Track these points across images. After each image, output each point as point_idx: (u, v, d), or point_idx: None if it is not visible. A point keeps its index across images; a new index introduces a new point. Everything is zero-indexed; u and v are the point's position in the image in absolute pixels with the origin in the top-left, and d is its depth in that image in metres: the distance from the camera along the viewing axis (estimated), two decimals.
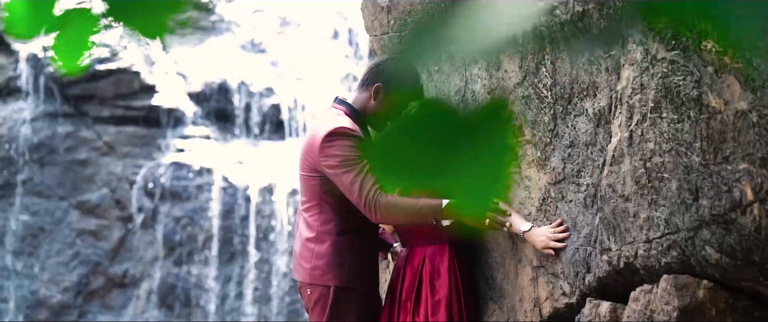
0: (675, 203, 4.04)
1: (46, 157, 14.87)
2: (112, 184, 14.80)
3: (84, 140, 14.95)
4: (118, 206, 14.76)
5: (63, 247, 14.71)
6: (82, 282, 14.62)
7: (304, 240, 5.06)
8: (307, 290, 5.05)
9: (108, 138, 14.91)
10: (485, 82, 5.08)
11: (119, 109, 15.01)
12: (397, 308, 5.09)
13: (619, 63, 4.31)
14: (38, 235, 14.75)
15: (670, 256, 4.10)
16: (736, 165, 3.82)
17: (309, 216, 5.05)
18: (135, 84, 14.99)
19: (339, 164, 4.90)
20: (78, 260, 14.66)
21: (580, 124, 4.56)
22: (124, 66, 14.95)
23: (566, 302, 4.68)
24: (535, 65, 4.74)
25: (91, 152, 14.91)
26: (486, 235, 5.15)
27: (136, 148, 14.94)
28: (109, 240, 14.70)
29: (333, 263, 4.99)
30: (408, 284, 5.08)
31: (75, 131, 14.96)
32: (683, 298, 4.07)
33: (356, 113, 5.10)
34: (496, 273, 5.11)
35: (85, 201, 14.78)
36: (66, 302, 14.56)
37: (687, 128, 3.97)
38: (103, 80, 14.93)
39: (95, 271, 14.65)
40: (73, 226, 14.74)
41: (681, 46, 3.99)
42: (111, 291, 14.65)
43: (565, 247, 4.62)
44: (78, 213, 14.78)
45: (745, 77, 3.79)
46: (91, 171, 14.85)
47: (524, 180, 4.89)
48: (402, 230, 5.23)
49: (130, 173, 14.81)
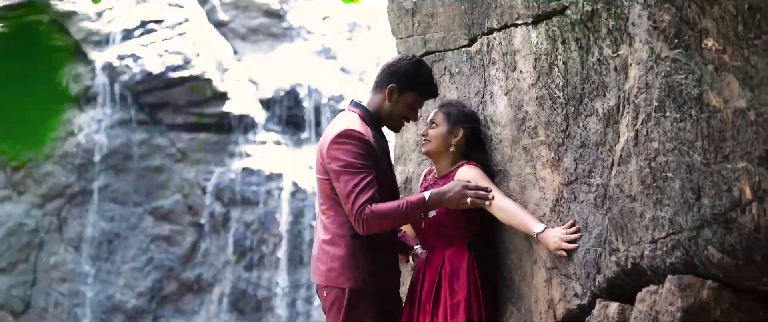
0: (678, 203, 4.02)
1: (121, 164, 15.13)
2: (184, 190, 15.01)
3: (158, 147, 15.18)
4: (190, 212, 14.97)
5: (137, 252, 14.95)
6: (156, 287, 14.84)
7: (321, 242, 5.09)
8: (324, 292, 5.07)
9: (181, 145, 15.13)
10: (502, 83, 5.08)
11: (192, 116, 15.22)
12: (416, 310, 5.10)
13: (626, 62, 4.29)
14: (113, 240, 15.01)
15: (675, 256, 4.07)
16: (736, 164, 3.79)
17: (325, 218, 5.08)
18: (207, 91, 15.19)
19: (340, 168, 4.92)
20: (152, 265, 14.89)
21: (590, 125, 4.54)
22: (197, 74, 15.15)
23: (578, 303, 4.66)
24: (548, 65, 4.73)
25: (164, 159, 15.14)
26: (504, 237, 5.14)
27: (208, 154, 15.13)
28: (182, 245, 14.90)
29: (347, 265, 5.00)
30: (427, 285, 5.09)
31: (149, 138, 15.20)
32: (687, 298, 4.04)
33: (370, 115, 5.12)
34: (514, 275, 5.11)
35: (159, 207, 15.02)
36: (140, 307, 14.80)
37: (689, 127, 3.94)
38: (176, 88, 15.15)
39: (169, 276, 14.87)
40: (148, 232, 14.98)
41: (683, 45, 3.96)
42: (184, 296, 14.86)
43: (577, 248, 4.61)
44: (152, 219, 15.02)
45: (743, 75, 3.75)
46: (164, 177, 15.08)
47: (539, 181, 4.88)
48: (421, 233, 5.24)
49: (202, 178, 15.01)
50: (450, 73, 5.53)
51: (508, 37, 5.01)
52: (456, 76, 5.48)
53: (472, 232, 5.09)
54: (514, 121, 5.00)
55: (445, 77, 5.58)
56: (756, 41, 3.71)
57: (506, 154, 5.09)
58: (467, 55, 5.37)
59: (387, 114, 5.13)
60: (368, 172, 4.90)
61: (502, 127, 5.10)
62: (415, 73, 5.12)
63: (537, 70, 4.80)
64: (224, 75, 15.46)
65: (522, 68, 4.91)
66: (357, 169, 4.89)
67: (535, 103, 4.83)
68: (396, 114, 5.14)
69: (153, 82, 15.14)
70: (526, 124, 4.92)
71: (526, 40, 4.86)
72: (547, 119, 4.77)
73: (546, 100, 4.76)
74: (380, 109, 5.14)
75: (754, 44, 3.72)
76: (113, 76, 15.21)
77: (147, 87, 15.17)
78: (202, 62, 15.27)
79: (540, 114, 4.81)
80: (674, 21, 3.99)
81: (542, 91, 4.78)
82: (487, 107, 5.21)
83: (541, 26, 4.75)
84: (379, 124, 5.16)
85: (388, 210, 4.87)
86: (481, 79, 5.25)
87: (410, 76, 5.10)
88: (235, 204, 14.82)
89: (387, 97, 5.11)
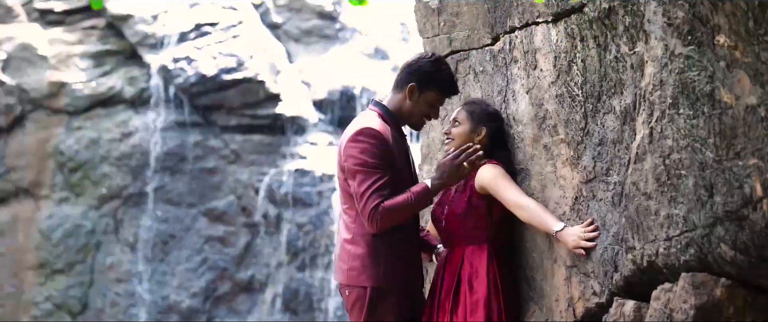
0: (692, 200, 4.00)
1: (176, 166, 15.25)
2: (238, 191, 15.10)
3: (212, 149, 15.28)
4: (244, 213, 15.05)
5: (192, 253, 15.07)
6: (210, 287, 14.94)
7: (343, 241, 5.11)
8: (346, 291, 5.09)
9: (235, 146, 15.22)
10: (523, 82, 5.07)
11: (245, 118, 15.30)
12: (436, 308, 5.09)
13: (643, 59, 4.27)
14: (168, 241, 15.13)
15: (689, 254, 4.05)
16: (747, 161, 3.77)
17: (346, 217, 5.10)
18: (260, 93, 15.25)
19: (356, 166, 4.93)
20: (206, 265, 15.00)
21: (608, 122, 4.53)
22: (250, 76, 15.22)
23: (597, 302, 4.64)
24: (567, 63, 4.72)
25: (218, 160, 15.23)
26: (526, 235, 5.13)
27: (261, 155, 15.20)
28: (236, 246, 14.98)
29: (368, 264, 5.01)
30: (447, 283, 5.09)
31: (203, 140, 15.31)
32: (700, 296, 4.01)
33: (390, 115, 5.12)
34: (536, 274, 5.09)
35: (213, 208, 15.11)
36: (195, 307, 14.91)
37: (702, 124, 3.93)
38: (230, 90, 15.24)
39: (222, 276, 14.96)
40: (202, 232, 15.08)
41: (696, 41, 3.95)
42: (238, 296, 14.94)
43: (595, 246, 4.59)
44: (206, 220, 15.11)
45: (754, 71, 3.73)
46: (218, 179, 15.17)
47: (559, 180, 4.86)
48: (443, 231, 5.24)
49: (255, 180, 15.08)
50: (474, 72, 5.53)
51: (529, 36, 5.00)
52: (480, 75, 5.48)
53: (493, 230, 5.08)
54: (535, 119, 4.99)
55: (469, 76, 5.58)
56: (766, 37, 3.69)
57: (528, 152, 5.08)
58: (491, 53, 5.37)
59: (408, 113, 5.14)
60: (383, 172, 4.90)
61: (524, 125, 5.09)
62: (435, 71, 5.11)
63: (557, 68, 4.79)
64: (277, 77, 15.53)
65: (542, 66, 4.91)
66: (372, 168, 4.90)
67: (555, 102, 4.82)
68: (417, 113, 5.14)
69: (207, 85, 15.24)
70: (547, 123, 4.91)
71: (547, 38, 4.86)
72: (566, 117, 4.76)
73: (565, 98, 4.75)
74: (401, 109, 5.14)
75: (764, 40, 3.70)
76: (168, 78, 15.34)
77: (201, 89, 15.27)
78: (255, 64, 15.34)
79: (560, 112, 4.80)
80: (688, 17, 3.98)
81: (562, 89, 4.77)
82: (510, 106, 5.20)
83: (561, 24, 4.75)
84: (399, 123, 5.16)
85: (398, 204, 4.88)
86: (504, 77, 5.25)
87: (430, 74, 5.10)
88: (287, 205, 14.88)
89: (408, 96, 5.11)
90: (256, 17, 16.19)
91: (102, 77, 15.50)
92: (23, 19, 15.91)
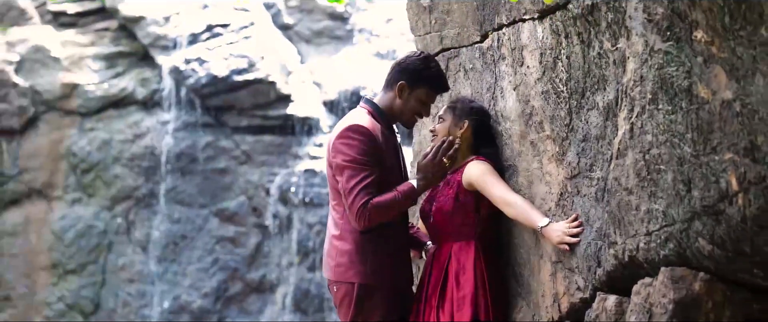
0: (671, 195, 4.01)
1: (187, 167, 15.32)
2: (249, 192, 15.15)
3: (223, 150, 15.34)
4: (254, 213, 15.11)
5: (203, 253, 15.13)
6: (221, 288, 15.00)
7: (331, 237, 5.13)
8: (334, 288, 5.12)
9: (246, 147, 15.27)
10: (511, 79, 5.10)
11: (256, 119, 15.35)
12: (423, 304, 5.12)
13: (625, 55, 4.29)
14: (179, 242, 15.20)
15: (668, 248, 4.06)
16: (723, 155, 3.78)
17: (335, 214, 5.13)
18: (271, 94, 15.30)
19: (344, 162, 4.95)
20: (217, 266, 15.05)
21: (591, 118, 4.55)
22: (261, 77, 15.27)
23: (581, 297, 4.66)
24: (552, 60, 4.74)
25: (229, 161, 15.29)
26: (514, 232, 5.15)
27: (272, 156, 15.25)
28: (247, 246, 15.04)
29: (356, 260, 5.03)
30: (434, 280, 5.11)
31: (215, 141, 15.37)
32: (679, 291, 4.03)
33: (381, 112, 5.15)
34: (523, 270, 5.11)
35: (224, 209, 15.17)
36: (206, 307, 14.97)
37: (680, 119, 3.95)
38: (241, 91, 15.29)
39: (233, 277, 15.01)
40: (213, 233, 15.14)
41: (675, 37, 3.96)
42: (248, 296, 14.99)
43: (579, 242, 4.61)
44: (217, 220, 15.17)
45: (730, 66, 3.75)
46: (229, 179, 15.23)
47: (545, 176, 4.88)
48: (430, 227, 5.27)
49: (266, 180, 15.13)
50: (464, 70, 5.56)
51: (516, 33, 5.03)
52: (470, 72, 5.51)
53: (481, 227, 5.10)
54: (522, 116, 5.01)
55: (459, 73, 5.61)
56: (741, 32, 3.71)
57: (515, 149, 5.10)
58: (480, 51, 5.40)
59: (399, 111, 5.17)
60: (371, 169, 4.92)
61: (511, 122, 5.11)
62: (424, 69, 5.14)
63: (542, 64, 4.81)
64: (288, 78, 15.58)
65: (529, 63, 4.93)
66: (360, 165, 4.92)
67: (541, 98, 4.85)
68: (408, 110, 5.17)
69: (218, 86, 15.30)
70: (533, 119, 4.93)
71: (533, 35, 4.88)
72: (551, 114, 4.78)
73: (551, 94, 4.78)
74: (392, 107, 5.17)
75: (740, 36, 3.72)
76: (179, 79, 15.40)
77: (212, 90, 15.33)
78: (266, 65, 15.40)
79: (545, 108, 4.82)
80: (667, 13, 3.99)
81: (547, 86, 4.80)
82: (498, 103, 5.23)
83: (546, 21, 4.77)
84: (390, 120, 5.19)
85: (385, 202, 4.90)
86: (492, 74, 5.28)
87: (419, 72, 5.13)
88: (298, 205, 14.93)
89: (398, 95, 5.14)
90: (268, 18, 16.24)
91: (114, 79, 15.58)
92: (36, 21, 16.02)
